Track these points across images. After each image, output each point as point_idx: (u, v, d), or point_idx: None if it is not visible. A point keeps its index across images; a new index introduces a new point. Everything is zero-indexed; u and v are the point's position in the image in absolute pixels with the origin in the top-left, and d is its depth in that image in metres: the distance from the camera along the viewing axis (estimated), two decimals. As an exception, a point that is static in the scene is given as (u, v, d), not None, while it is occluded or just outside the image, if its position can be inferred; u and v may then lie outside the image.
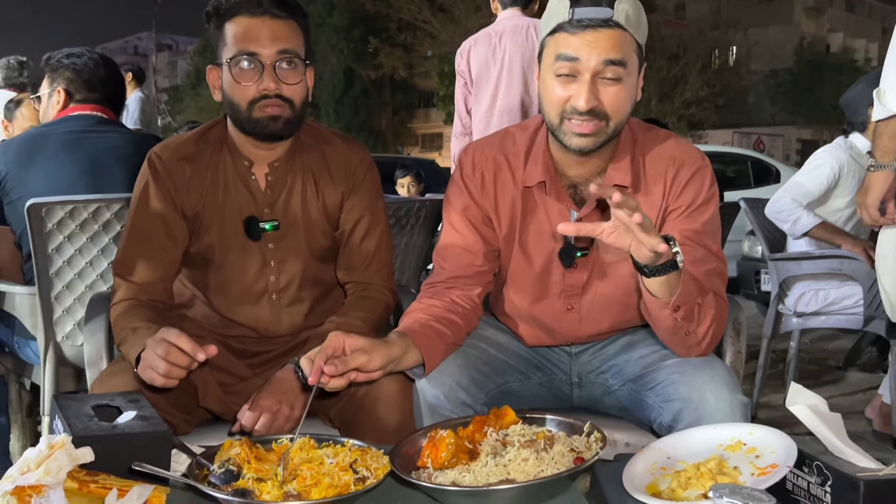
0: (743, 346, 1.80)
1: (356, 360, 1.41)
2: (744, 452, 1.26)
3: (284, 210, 1.73)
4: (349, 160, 1.78)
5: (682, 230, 1.58)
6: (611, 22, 1.47)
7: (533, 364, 1.74)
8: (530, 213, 1.66)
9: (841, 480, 1.16)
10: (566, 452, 1.27)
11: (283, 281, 1.75)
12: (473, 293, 1.69)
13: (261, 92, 1.60)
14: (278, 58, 1.61)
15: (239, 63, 1.60)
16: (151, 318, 1.61)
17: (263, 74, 1.60)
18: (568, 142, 1.55)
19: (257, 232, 1.71)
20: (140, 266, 1.69)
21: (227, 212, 1.72)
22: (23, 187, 2.28)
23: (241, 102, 1.62)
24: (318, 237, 1.76)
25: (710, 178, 1.63)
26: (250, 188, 1.72)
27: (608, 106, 1.51)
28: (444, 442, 1.29)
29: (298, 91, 1.64)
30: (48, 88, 2.44)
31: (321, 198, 1.76)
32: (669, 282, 1.40)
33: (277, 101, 1.61)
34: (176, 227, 1.70)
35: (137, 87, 6.60)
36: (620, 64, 1.49)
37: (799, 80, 32.13)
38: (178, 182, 1.70)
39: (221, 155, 1.73)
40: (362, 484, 1.22)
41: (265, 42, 1.60)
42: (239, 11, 1.61)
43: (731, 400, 1.46)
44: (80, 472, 1.15)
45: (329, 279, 1.82)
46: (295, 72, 1.63)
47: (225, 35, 1.63)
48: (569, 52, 1.49)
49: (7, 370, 2.49)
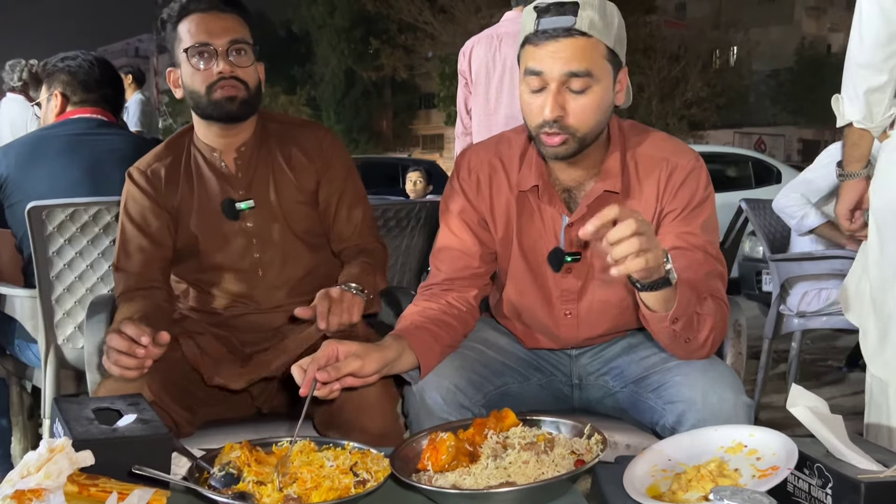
0: (744, 347, 1.79)
1: (350, 366, 1.41)
2: (745, 454, 1.26)
3: (258, 189, 1.83)
4: (318, 140, 1.88)
5: (678, 233, 1.58)
6: (573, 31, 1.46)
7: (532, 366, 1.74)
8: (526, 217, 1.67)
9: (842, 482, 1.16)
10: (567, 455, 1.27)
11: (267, 255, 1.83)
12: (469, 295, 1.69)
13: (217, 75, 1.73)
14: (230, 46, 1.73)
15: (195, 53, 1.73)
16: (142, 309, 1.70)
17: (217, 59, 1.73)
18: (544, 152, 1.57)
19: (234, 212, 1.81)
20: (134, 257, 1.80)
21: (204, 200, 1.82)
22: (23, 190, 2.28)
23: (200, 88, 1.74)
24: (296, 214, 1.84)
25: (704, 179, 1.62)
26: (223, 175, 1.83)
27: (573, 117, 1.51)
28: (445, 444, 1.29)
29: (251, 73, 1.77)
30: (46, 94, 2.45)
31: (296, 177, 1.85)
32: (665, 296, 1.38)
33: (232, 82, 1.73)
34: (162, 220, 1.82)
35: (138, 90, 6.59)
36: (585, 74, 1.48)
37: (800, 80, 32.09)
38: (156, 181, 1.82)
39: (191, 151, 1.86)
40: (362, 487, 1.21)
41: (217, 32, 1.73)
42: (190, 11, 1.75)
43: (736, 401, 1.45)
44: (81, 476, 1.14)
45: (311, 254, 1.88)
46: (246, 57, 1.76)
47: (179, 34, 1.75)
48: (534, 65, 1.50)
49: (8, 373, 2.49)
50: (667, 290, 1.37)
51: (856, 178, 2.00)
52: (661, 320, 1.43)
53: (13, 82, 4.49)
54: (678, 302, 1.39)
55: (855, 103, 1.82)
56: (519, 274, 1.69)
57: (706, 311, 1.47)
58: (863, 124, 1.83)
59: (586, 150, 1.57)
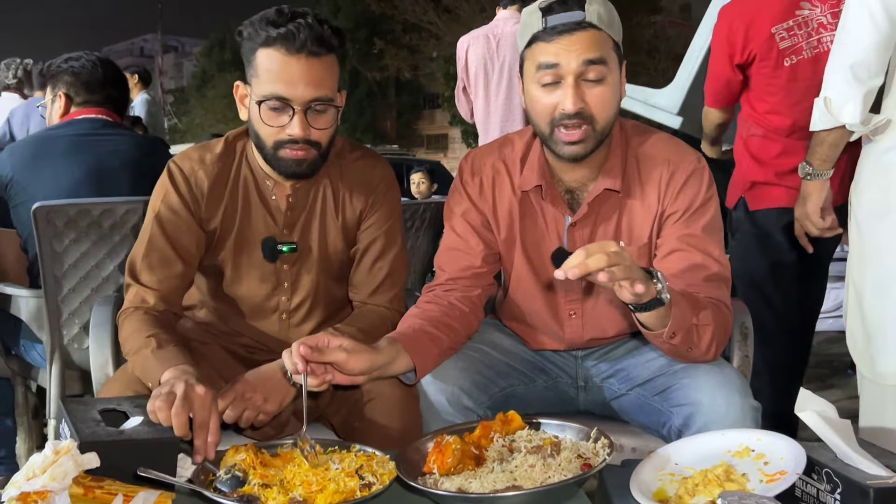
0: (750, 350, 1.79)
1: (333, 355, 1.40)
2: (752, 459, 1.25)
3: (303, 232, 1.71)
4: (370, 176, 1.74)
5: (679, 235, 1.57)
6: (584, 24, 1.49)
7: (538, 367, 1.74)
8: (529, 218, 1.67)
9: (851, 488, 1.15)
10: (573, 459, 1.26)
11: (294, 301, 1.73)
12: (473, 295, 1.68)
13: (288, 136, 1.56)
14: (310, 104, 1.54)
15: (269, 104, 1.54)
16: (184, 359, 1.51)
17: (293, 120, 1.54)
18: (560, 151, 1.56)
19: (274, 254, 1.69)
20: (157, 275, 1.65)
21: (244, 230, 1.69)
22: (28, 191, 2.28)
23: (267, 140, 1.58)
24: (333, 258, 1.74)
25: (707, 180, 1.61)
26: (270, 208, 1.70)
27: (594, 107, 1.52)
28: (451, 448, 1.29)
29: (327, 134, 1.60)
30: (50, 95, 2.44)
31: (341, 216, 1.72)
32: (659, 314, 1.38)
33: (304, 146, 1.57)
34: (195, 238, 1.67)
35: (143, 89, 6.61)
36: (601, 62, 1.50)
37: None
38: (198, 194, 1.67)
39: (243, 170, 1.70)
40: (368, 490, 1.21)
41: (298, 86, 1.52)
42: (273, 44, 1.52)
43: (743, 405, 1.45)
44: (86, 478, 1.15)
45: (342, 295, 1.80)
46: (326, 116, 1.58)
47: (256, 63, 1.55)
48: (548, 59, 1.50)
49: (13, 373, 2.49)
50: (661, 309, 1.37)
51: (824, 178, 2.03)
52: (658, 336, 1.43)
53: (7, 80, 4.55)
54: (673, 318, 1.39)
55: (854, 106, 1.80)
56: (523, 275, 1.69)
57: (705, 321, 1.47)
58: (858, 127, 1.82)
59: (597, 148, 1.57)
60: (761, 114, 2.45)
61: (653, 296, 1.34)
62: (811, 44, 2.37)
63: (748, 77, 2.46)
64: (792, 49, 2.37)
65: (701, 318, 1.46)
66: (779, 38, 2.37)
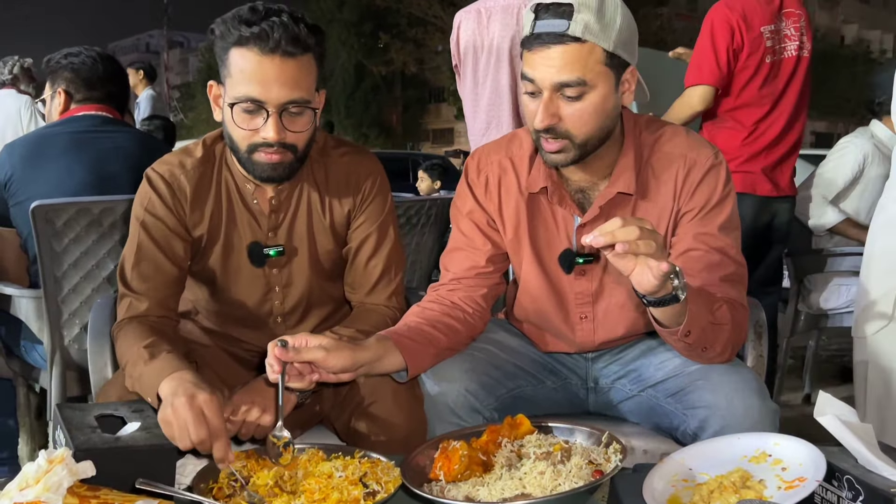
0: (765, 349, 1.74)
1: (311, 354, 1.35)
2: (769, 464, 1.22)
3: (289, 234, 1.65)
4: (357, 173, 1.68)
5: (696, 234, 1.53)
6: (566, 37, 1.41)
7: (547, 368, 1.70)
8: (537, 219, 1.62)
9: (873, 495, 1.11)
10: (584, 465, 1.22)
11: (288, 305, 1.69)
12: (477, 295, 1.64)
13: (262, 139, 1.49)
14: (285, 106, 1.47)
15: (242, 106, 1.47)
16: (162, 345, 1.49)
17: (268, 123, 1.47)
18: (545, 158, 1.53)
19: (261, 258, 1.64)
20: (150, 282, 1.61)
21: (231, 235, 1.64)
22: (28, 189, 2.25)
23: (241, 144, 1.51)
24: (324, 259, 1.69)
25: (724, 177, 1.56)
26: (253, 212, 1.64)
27: (569, 123, 1.46)
28: (458, 454, 1.25)
29: (303, 137, 1.53)
30: (50, 91, 2.41)
31: (328, 215, 1.67)
32: (674, 311, 1.34)
33: (279, 150, 1.49)
34: (183, 242, 1.63)
35: (149, 85, 6.60)
36: (577, 83, 1.43)
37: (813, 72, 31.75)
38: (182, 199, 1.62)
39: (224, 175, 1.64)
40: (372, 498, 1.18)
41: (273, 88, 1.45)
42: (246, 44, 1.45)
43: (762, 407, 1.41)
44: (81, 487, 1.11)
45: (338, 294, 1.76)
46: (302, 119, 1.50)
47: (229, 63, 1.48)
48: (528, 70, 1.47)
49: (15, 374, 2.46)
50: (676, 306, 1.33)
51: None
52: (673, 334, 1.39)
53: (3, 76, 4.58)
54: (689, 316, 1.35)
55: None
56: (532, 276, 1.64)
57: (721, 321, 1.42)
58: None
59: (595, 153, 1.52)
60: (731, 109, 2.85)
61: (668, 291, 1.30)
62: (778, 50, 2.85)
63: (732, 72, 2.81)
64: (771, 50, 2.82)
65: (718, 318, 1.42)
66: (765, 37, 2.81)
